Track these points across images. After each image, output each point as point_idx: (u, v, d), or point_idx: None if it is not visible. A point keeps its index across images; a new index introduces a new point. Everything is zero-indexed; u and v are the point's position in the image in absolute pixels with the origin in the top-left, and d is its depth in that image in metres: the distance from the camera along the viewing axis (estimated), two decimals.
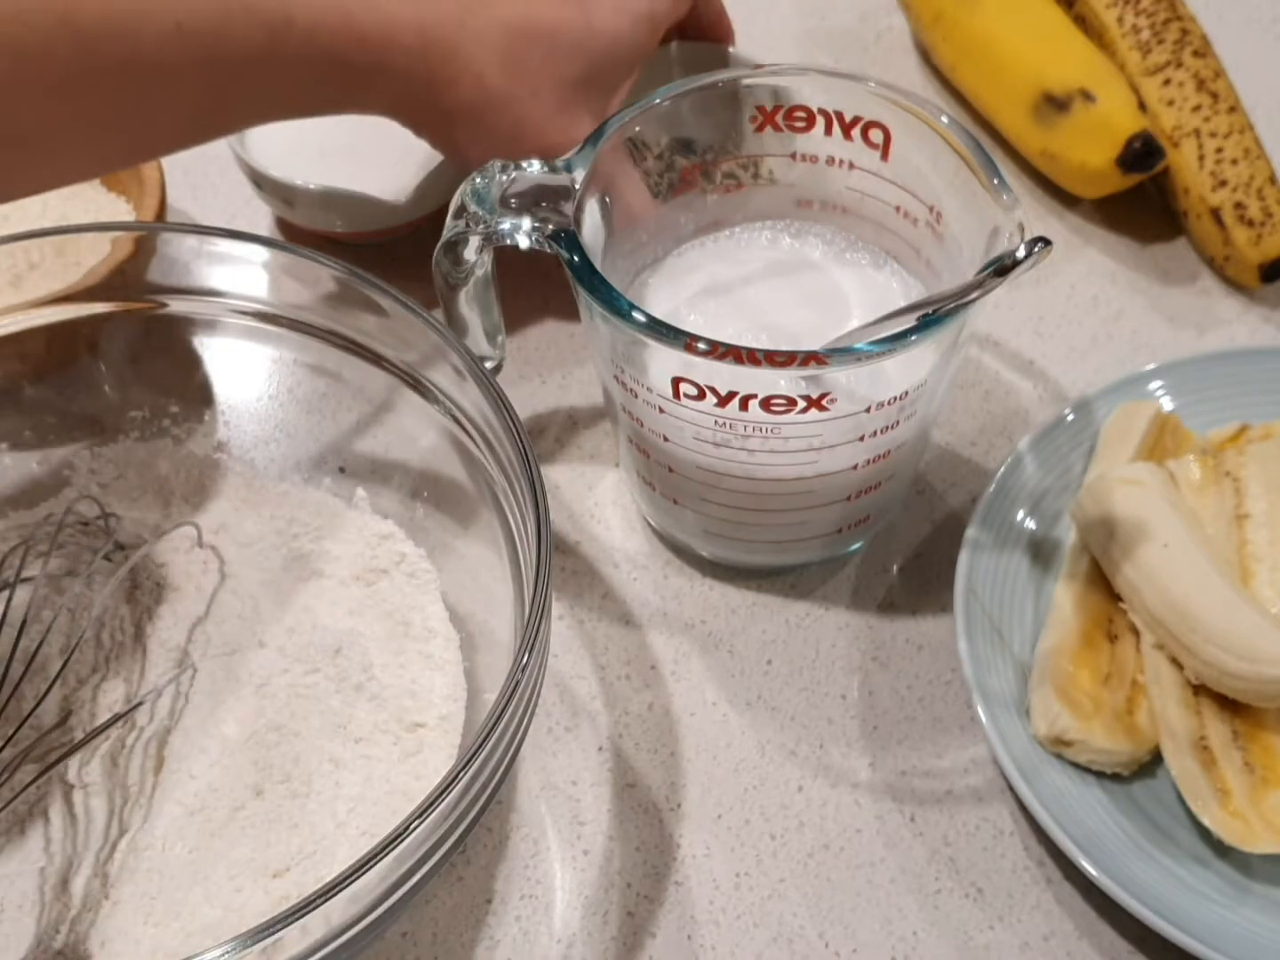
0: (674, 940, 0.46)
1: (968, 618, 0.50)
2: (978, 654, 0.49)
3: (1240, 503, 0.51)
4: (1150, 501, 0.50)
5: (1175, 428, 0.55)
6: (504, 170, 0.47)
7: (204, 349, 0.54)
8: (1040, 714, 0.48)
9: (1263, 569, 0.49)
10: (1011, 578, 0.52)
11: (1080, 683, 0.48)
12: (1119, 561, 0.49)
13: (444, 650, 0.49)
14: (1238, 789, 0.46)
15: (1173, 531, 0.49)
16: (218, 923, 0.43)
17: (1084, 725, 0.47)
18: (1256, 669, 0.46)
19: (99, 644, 0.48)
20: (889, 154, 0.49)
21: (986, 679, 0.49)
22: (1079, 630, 0.50)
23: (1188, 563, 0.48)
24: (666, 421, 0.47)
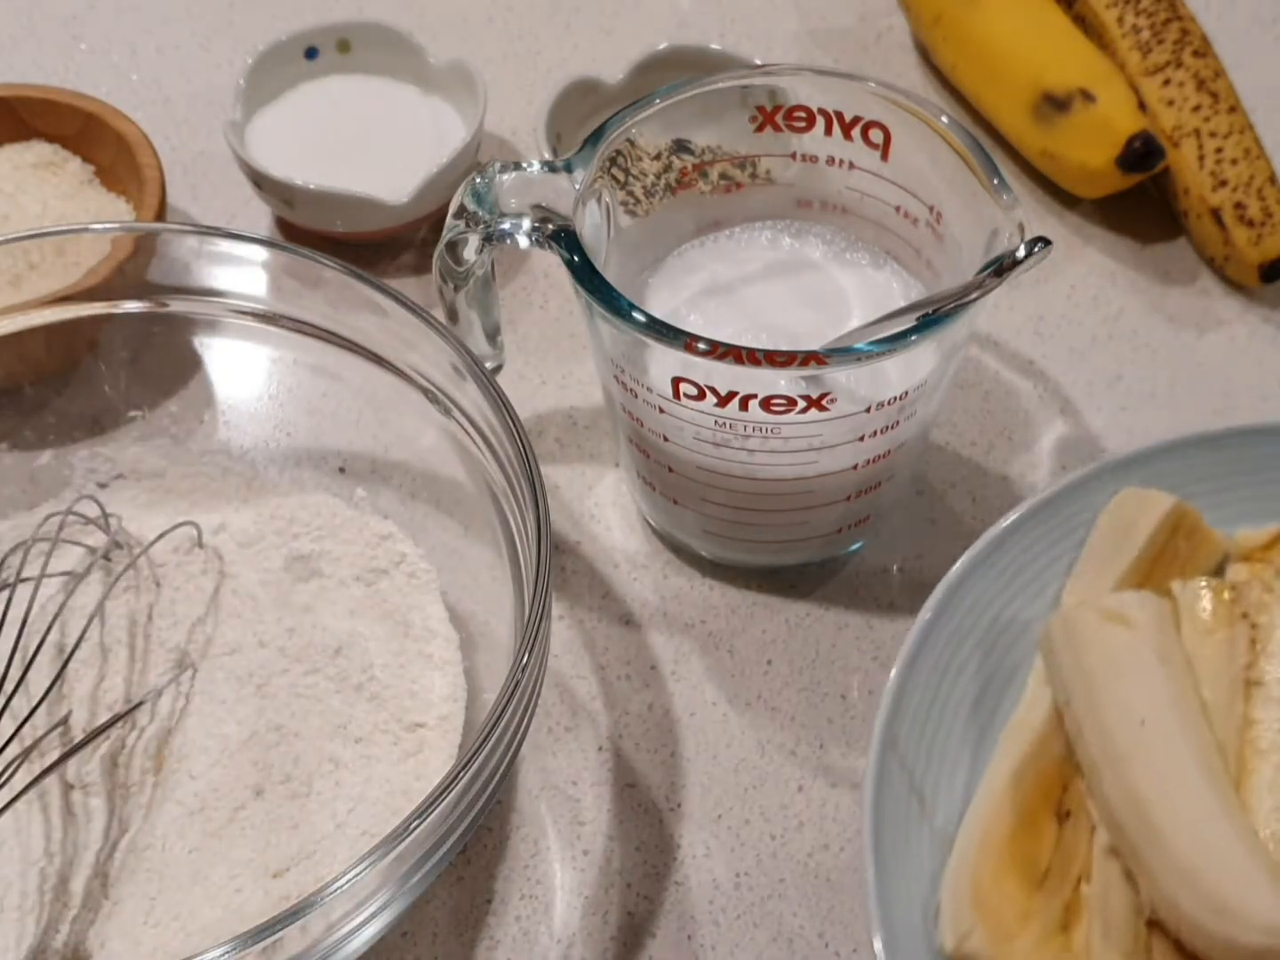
0: (674, 940, 0.46)
1: (879, 781, 0.39)
2: (885, 829, 0.39)
3: (1254, 661, 0.40)
4: (1136, 652, 0.39)
5: (1193, 528, 0.44)
6: (504, 170, 0.47)
7: (204, 349, 0.55)
8: (950, 924, 0.38)
9: (1266, 768, 0.38)
10: (947, 724, 0.41)
11: (1005, 884, 0.38)
12: (1081, 726, 0.39)
13: (444, 650, 0.49)
14: None
15: (1156, 703, 0.38)
16: (218, 923, 0.43)
17: (1000, 949, 0.37)
18: (1224, 929, 0.34)
19: (99, 644, 0.48)
20: (889, 154, 0.49)
21: (890, 865, 0.38)
22: (1018, 806, 0.39)
23: (1167, 754, 0.37)
24: (666, 421, 0.47)
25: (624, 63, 0.64)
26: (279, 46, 0.65)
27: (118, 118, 0.60)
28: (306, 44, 0.65)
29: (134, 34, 0.74)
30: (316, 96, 0.65)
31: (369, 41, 0.66)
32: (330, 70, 0.66)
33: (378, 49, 0.66)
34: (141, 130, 0.60)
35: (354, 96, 0.66)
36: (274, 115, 0.65)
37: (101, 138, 0.60)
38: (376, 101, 0.66)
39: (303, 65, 0.65)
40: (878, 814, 0.39)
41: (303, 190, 0.60)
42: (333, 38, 0.66)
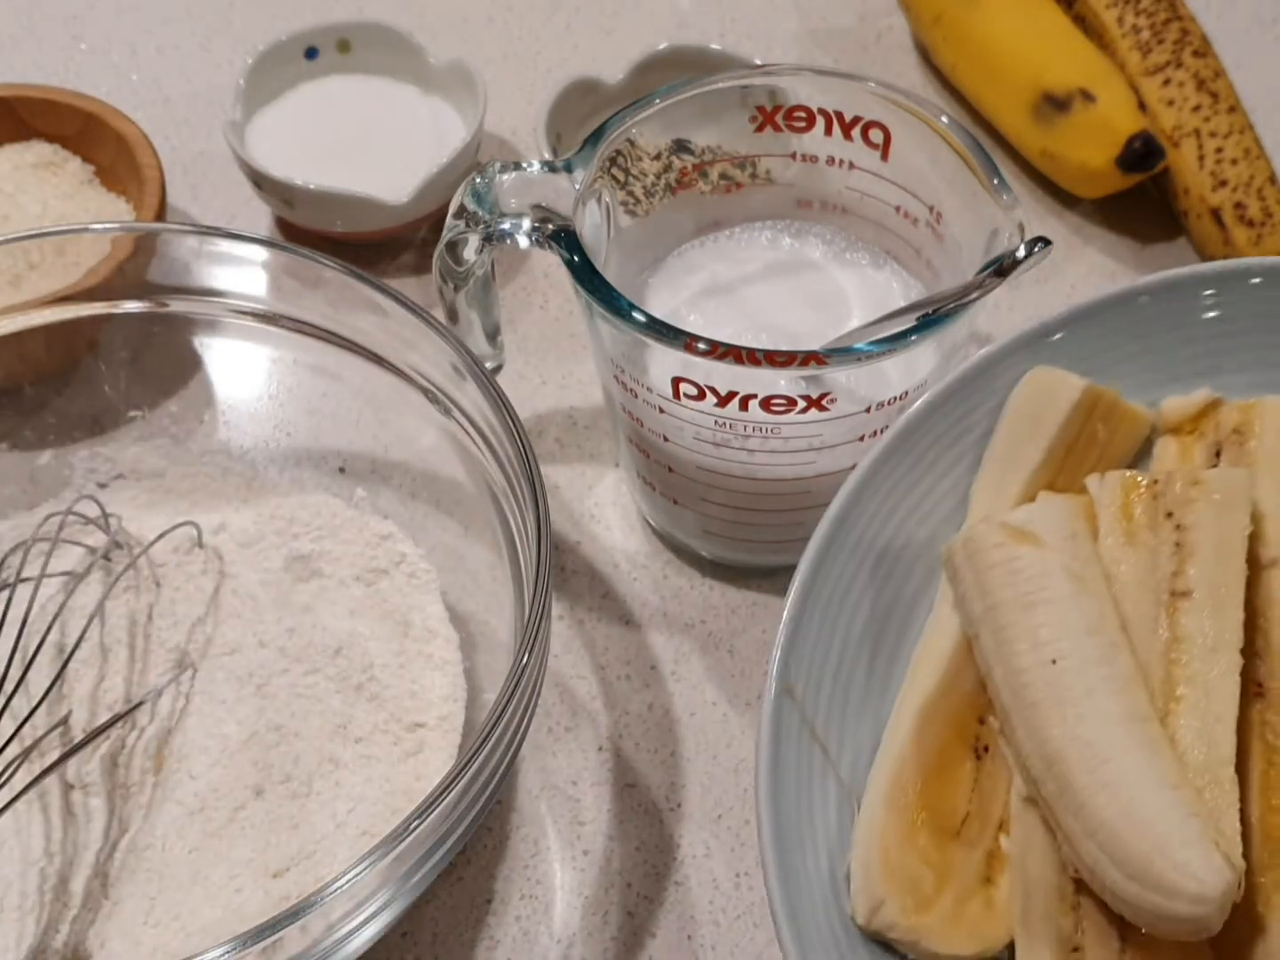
0: (674, 940, 0.46)
1: (776, 733, 0.35)
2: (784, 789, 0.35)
3: (1180, 570, 0.35)
4: (1046, 576, 0.34)
5: (1111, 407, 0.39)
6: (504, 170, 0.47)
7: (204, 349, 0.55)
8: (859, 894, 0.35)
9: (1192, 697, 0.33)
10: (848, 663, 0.37)
11: (920, 839, 0.35)
12: (990, 664, 0.35)
13: (444, 650, 0.49)
14: None
15: (1070, 637, 0.33)
16: (218, 923, 0.43)
17: (915, 921, 0.34)
18: (1149, 898, 0.31)
19: (99, 644, 0.48)
20: (889, 154, 0.49)
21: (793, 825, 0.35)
22: (931, 742, 0.35)
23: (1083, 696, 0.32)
24: (666, 421, 0.47)
25: (624, 63, 0.64)
26: (279, 46, 0.65)
27: (118, 118, 0.60)
28: (306, 44, 0.65)
29: (134, 34, 0.74)
30: (316, 96, 0.65)
31: (369, 41, 0.66)
32: (330, 70, 0.66)
33: (378, 49, 0.66)
34: (141, 130, 0.60)
35: (354, 96, 0.66)
36: (274, 115, 0.65)
37: (101, 138, 0.61)
38: (376, 101, 0.66)
39: (303, 65, 0.65)
40: (776, 771, 0.35)
41: (303, 190, 0.60)
42: (333, 38, 0.66)
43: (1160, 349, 0.39)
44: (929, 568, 0.38)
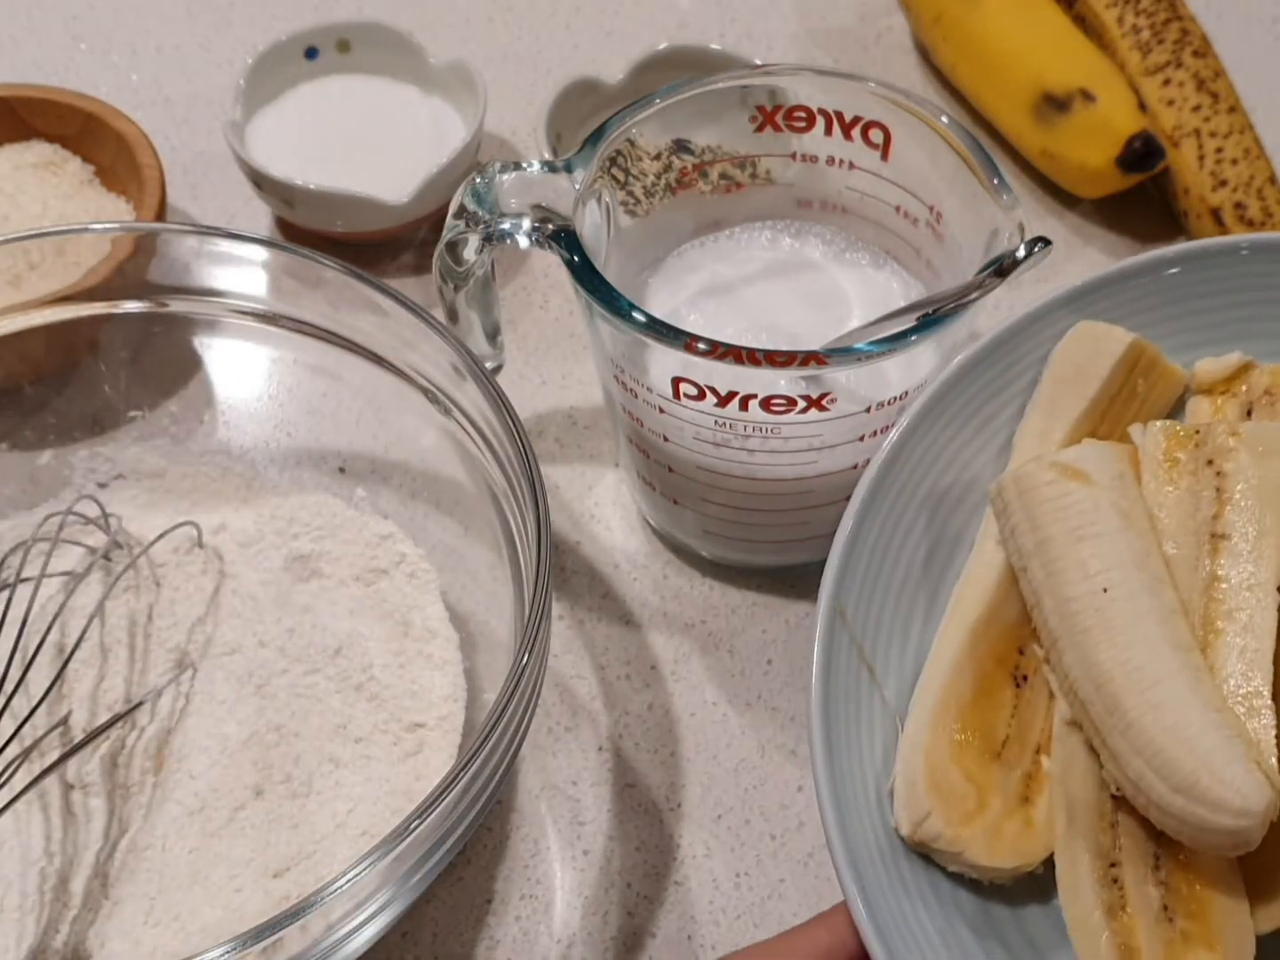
0: (674, 940, 0.46)
1: (828, 651, 0.37)
2: (835, 701, 0.37)
3: (1219, 513, 0.37)
4: (1095, 511, 0.36)
5: (1151, 363, 0.40)
6: (504, 170, 0.47)
7: (204, 349, 0.55)
8: (905, 808, 0.36)
9: (1232, 631, 0.35)
10: (895, 591, 0.39)
11: (963, 758, 0.36)
12: (1039, 594, 0.36)
13: (444, 650, 0.49)
14: (1148, 947, 0.34)
15: (1118, 565, 0.35)
16: (218, 923, 0.43)
17: (958, 832, 0.36)
18: (1192, 808, 0.33)
19: (99, 644, 0.48)
20: (889, 154, 0.49)
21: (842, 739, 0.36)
22: (972, 673, 0.37)
23: (1131, 622, 0.34)
24: (666, 421, 0.47)
25: (624, 63, 0.64)
26: (279, 46, 0.65)
27: (118, 118, 0.60)
28: (306, 44, 0.65)
29: (134, 34, 0.74)
30: (316, 96, 0.66)
31: (369, 41, 0.66)
32: (330, 70, 0.66)
33: (378, 49, 0.66)
34: (141, 130, 0.60)
35: (354, 96, 0.66)
36: (274, 115, 0.65)
37: (101, 138, 0.61)
38: (376, 101, 0.66)
39: (303, 65, 0.65)
40: (827, 688, 0.37)
41: (303, 190, 0.60)
42: (333, 38, 0.66)
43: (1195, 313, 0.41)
44: (974, 506, 0.40)
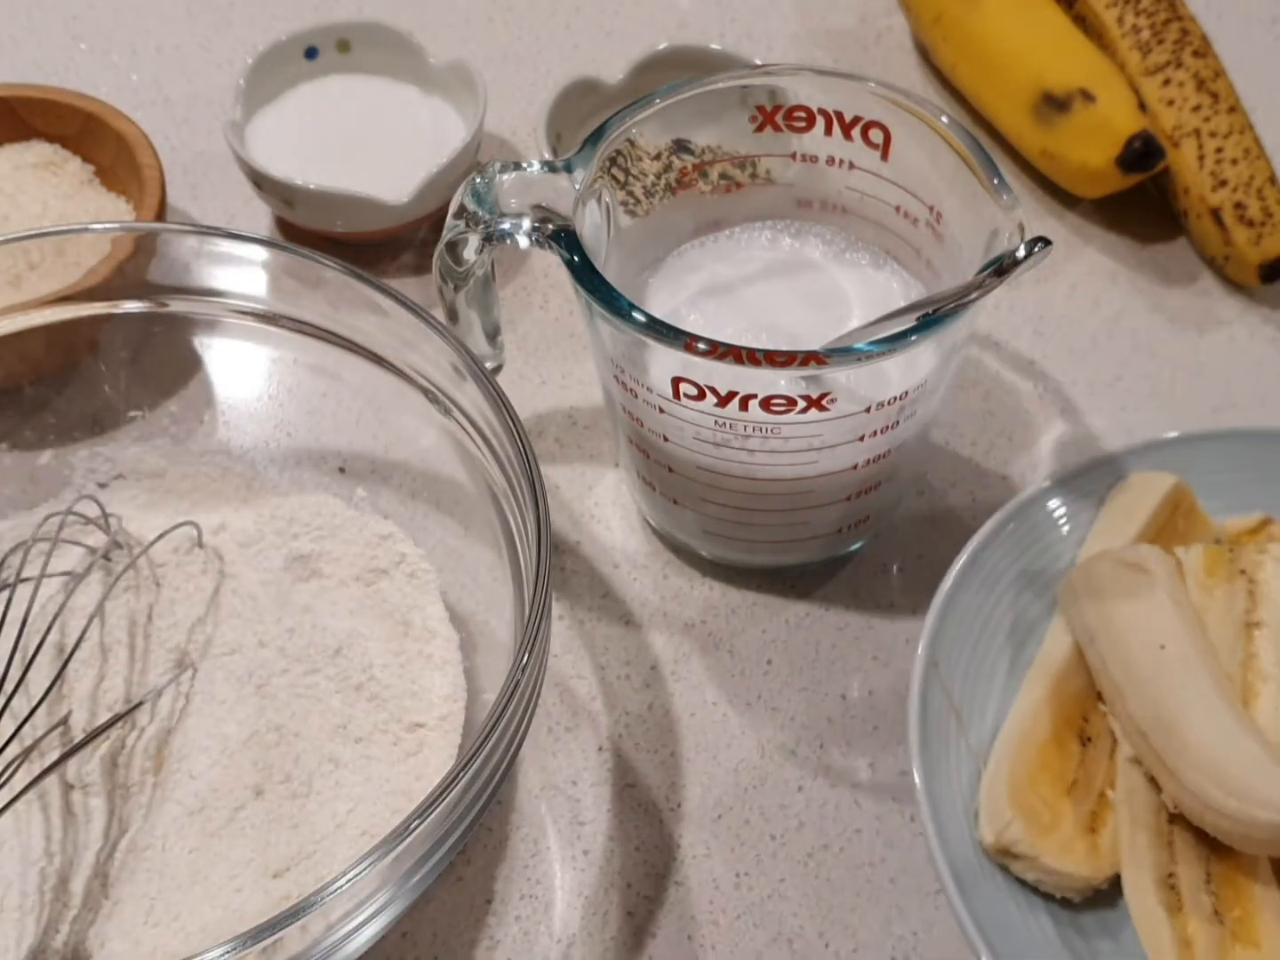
0: (674, 940, 0.46)
1: (924, 695, 0.44)
2: (929, 738, 0.44)
3: (1252, 608, 0.45)
4: (1152, 593, 0.44)
5: (1190, 509, 0.49)
6: (504, 170, 0.47)
7: (204, 349, 0.55)
8: (989, 819, 0.43)
9: (1269, 690, 0.44)
10: (981, 653, 0.46)
11: (1040, 788, 0.43)
12: (1106, 657, 0.44)
13: (444, 650, 0.49)
14: (1202, 941, 0.40)
15: (1173, 633, 0.43)
16: (218, 923, 0.43)
17: (1037, 840, 0.42)
18: (1245, 809, 0.40)
19: (99, 644, 0.48)
20: (889, 154, 0.49)
21: (935, 768, 0.43)
22: (1047, 726, 0.44)
23: (1185, 673, 0.43)
24: (666, 421, 0.47)
25: (624, 63, 0.64)
26: (279, 46, 0.65)
27: (118, 118, 0.60)
28: (306, 44, 0.65)
29: (134, 34, 0.74)
30: (316, 96, 0.66)
31: (369, 41, 0.66)
32: (330, 70, 0.66)
33: (378, 49, 0.66)
34: (141, 130, 0.60)
35: (354, 96, 0.66)
36: (274, 115, 0.65)
37: (101, 138, 0.61)
38: (376, 101, 0.66)
39: (303, 65, 0.65)
40: (923, 724, 0.44)
41: (303, 190, 0.60)
42: (333, 38, 0.66)
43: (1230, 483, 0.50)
44: (1047, 602, 0.48)
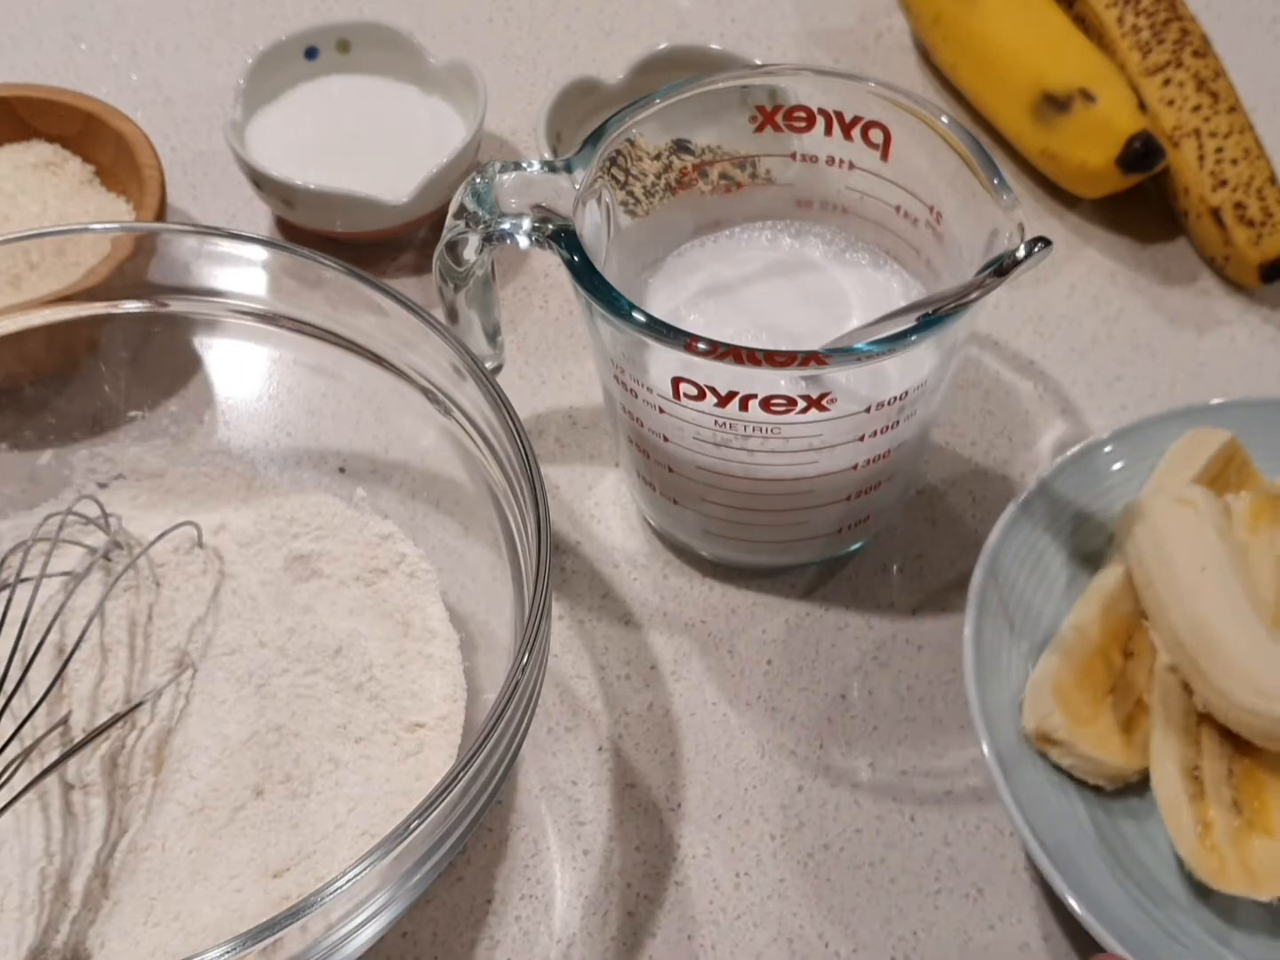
0: (674, 940, 0.46)
1: (981, 600, 0.48)
2: (983, 637, 0.48)
3: None
4: (1198, 524, 0.48)
5: (1243, 464, 0.53)
6: (504, 170, 0.47)
7: (204, 349, 0.55)
8: (1032, 708, 0.47)
9: None
10: (1039, 574, 0.50)
11: (1083, 686, 0.47)
12: (1152, 576, 0.48)
13: (444, 650, 0.49)
14: (1220, 826, 0.44)
15: (1214, 557, 0.48)
16: (218, 923, 0.43)
17: (1075, 728, 0.46)
18: (1270, 706, 0.44)
19: (99, 644, 0.48)
20: (889, 154, 0.49)
21: (985, 661, 0.47)
22: (1095, 638, 0.48)
23: (1222, 590, 0.47)
24: (666, 421, 0.47)
25: (624, 63, 0.64)
26: (279, 46, 0.65)
27: (118, 118, 0.60)
28: (306, 44, 0.65)
29: (134, 34, 0.74)
30: (316, 96, 0.66)
31: (369, 41, 0.66)
32: (330, 70, 0.66)
33: (378, 49, 0.66)
34: (141, 130, 0.60)
35: (354, 96, 0.66)
36: (274, 115, 0.65)
37: (101, 138, 0.61)
38: (376, 101, 0.66)
39: (303, 65, 0.65)
40: (979, 623, 0.48)
41: (303, 190, 0.60)
42: (333, 38, 0.66)
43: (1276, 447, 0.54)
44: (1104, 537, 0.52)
